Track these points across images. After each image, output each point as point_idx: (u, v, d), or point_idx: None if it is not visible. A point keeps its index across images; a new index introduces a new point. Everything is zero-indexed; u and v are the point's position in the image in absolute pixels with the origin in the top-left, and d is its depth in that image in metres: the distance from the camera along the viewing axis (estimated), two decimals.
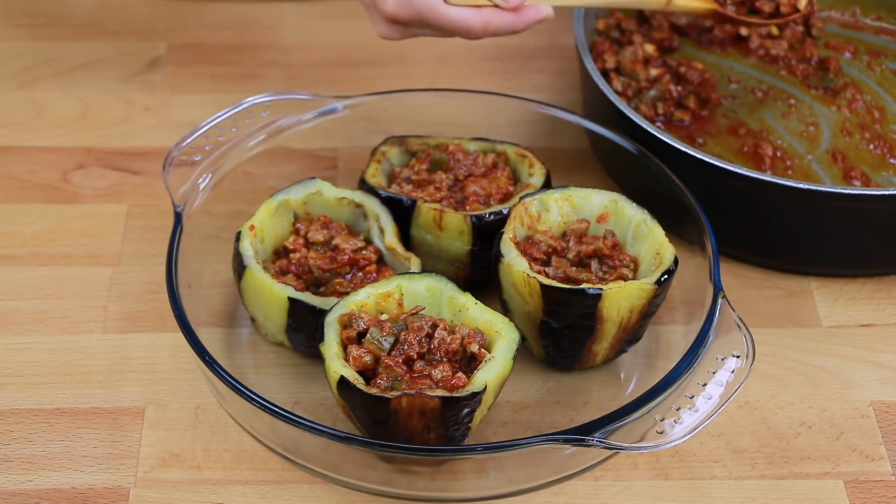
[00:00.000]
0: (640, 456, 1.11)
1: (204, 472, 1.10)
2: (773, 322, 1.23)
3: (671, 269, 1.11)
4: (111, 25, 1.53)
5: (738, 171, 1.19)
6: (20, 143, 1.38)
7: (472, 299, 1.09)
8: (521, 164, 1.23)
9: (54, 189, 1.33)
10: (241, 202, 1.26)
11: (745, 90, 1.37)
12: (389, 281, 1.10)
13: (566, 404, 1.15)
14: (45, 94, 1.44)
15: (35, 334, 1.20)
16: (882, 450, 1.13)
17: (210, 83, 1.46)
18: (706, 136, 1.32)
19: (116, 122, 1.41)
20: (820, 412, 1.16)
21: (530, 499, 1.08)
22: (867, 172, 1.29)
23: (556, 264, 1.13)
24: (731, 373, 1.05)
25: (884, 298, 1.26)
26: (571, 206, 1.17)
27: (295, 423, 1.00)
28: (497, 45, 1.53)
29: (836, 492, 1.10)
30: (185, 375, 1.16)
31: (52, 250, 1.27)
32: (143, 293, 1.23)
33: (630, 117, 1.25)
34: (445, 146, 1.24)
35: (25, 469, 1.09)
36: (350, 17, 1.55)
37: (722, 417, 1.14)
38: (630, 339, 1.14)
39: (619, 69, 1.36)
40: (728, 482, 1.10)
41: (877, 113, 1.35)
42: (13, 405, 1.14)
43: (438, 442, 1.03)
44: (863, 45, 1.44)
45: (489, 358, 1.04)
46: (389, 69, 1.50)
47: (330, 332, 1.06)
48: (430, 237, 1.19)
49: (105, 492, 1.08)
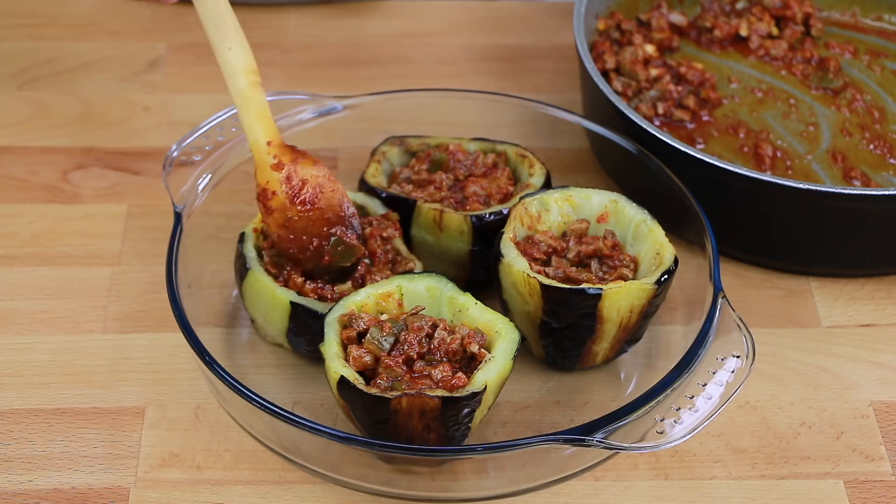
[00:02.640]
0: (640, 456, 1.12)
1: (204, 472, 1.10)
2: (773, 322, 1.23)
3: (671, 269, 1.11)
4: (111, 25, 1.53)
5: (738, 171, 1.19)
6: (20, 143, 1.38)
7: (472, 299, 1.09)
8: (521, 164, 1.23)
9: (54, 189, 1.33)
10: (241, 202, 1.26)
11: (745, 90, 1.37)
12: (389, 281, 1.10)
13: (566, 404, 1.16)
14: (45, 94, 1.44)
15: (35, 334, 1.20)
16: (882, 450, 1.13)
17: (210, 83, 1.46)
18: (706, 136, 1.32)
19: (116, 122, 1.41)
20: (820, 412, 1.16)
21: (530, 499, 1.08)
22: (867, 172, 1.29)
23: (556, 264, 1.13)
24: (731, 373, 1.05)
25: (884, 298, 1.26)
26: (571, 206, 1.17)
27: (295, 423, 1.00)
28: (497, 45, 1.53)
29: (836, 492, 1.10)
30: (185, 375, 1.16)
31: (52, 250, 1.27)
32: (143, 293, 1.23)
33: (630, 117, 1.25)
34: (445, 146, 1.24)
35: (25, 469, 1.09)
36: (350, 17, 1.55)
37: (722, 417, 1.14)
38: (630, 339, 1.14)
39: (619, 69, 1.36)
40: (728, 482, 1.10)
41: (877, 113, 1.35)
42: (13, 405, 1.14)
43: (438, 442, 1.03)
44: (863, 45, 1.44)
45: (489, 358, 1.04)
46: (389, 69, 1.50)
47: (330, 332, 1.06)
48: (431, 237, 1.19)
49: (105, 492, 1.08)
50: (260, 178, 1.14)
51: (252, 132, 1.13)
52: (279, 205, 1.13)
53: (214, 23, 1.12)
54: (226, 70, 1.13)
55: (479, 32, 1.56)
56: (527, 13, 1.58)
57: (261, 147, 1.13)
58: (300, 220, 1.13)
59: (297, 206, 1.13)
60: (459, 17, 1.58)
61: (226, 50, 1.12)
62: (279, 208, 1.13)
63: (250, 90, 1.13)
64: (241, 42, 1.13)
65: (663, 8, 1.44)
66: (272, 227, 1.14)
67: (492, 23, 1.57)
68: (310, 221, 1.13)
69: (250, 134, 1.13)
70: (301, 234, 1.13)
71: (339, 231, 1.13)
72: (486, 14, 1.58)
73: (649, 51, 1.38)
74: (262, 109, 1.13)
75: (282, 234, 1.13)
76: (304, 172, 1.13)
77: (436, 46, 1.53)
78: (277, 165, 1.13)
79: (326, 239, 1.13)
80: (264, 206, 1.14)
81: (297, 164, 1.13)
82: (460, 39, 1.55)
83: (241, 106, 1.13)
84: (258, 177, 1.14)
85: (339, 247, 1.13)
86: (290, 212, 1.13)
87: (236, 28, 1.13)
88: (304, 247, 1.13)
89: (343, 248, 1.13)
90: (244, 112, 1.13)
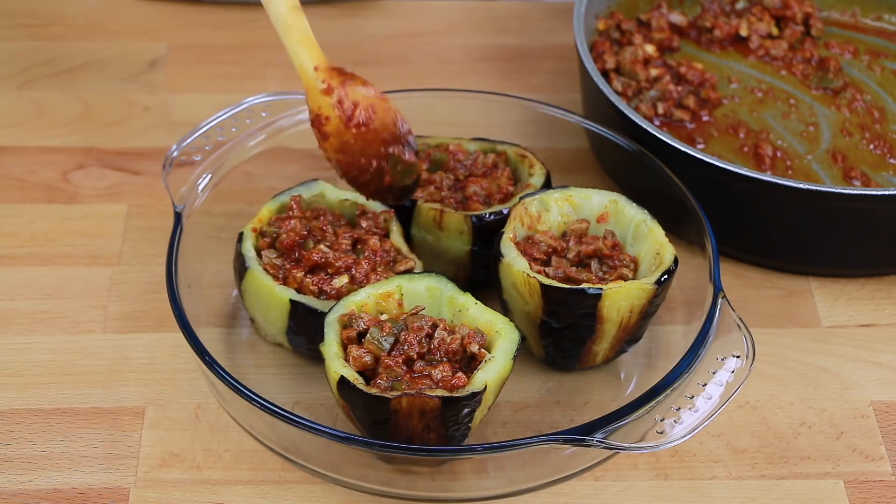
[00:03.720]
0: (640, 456, 1.12)
1: (204, 472, 1.10)
2: (773, 322, 1.23)
3: (671, 269, 1.11)
4: (111, 25, 1.53)
5: (738, 171, 1.19)
6: (20, 143, 1.38)
7: (472, 299, 1.09)
8: (521, 164, 1.23)
9: (54, 189, 1.33)
10: (241, 202, 1.26)
11: (745, 90, 1.37)
12: (389, 281, 1.10)
13: (566, 404, 1.16)
14: (45, 94, 1.44)
15: (35, 334, 1.20)
16: (882, 450, 1.13)
17: (210, 83, 1.46)
18: (706, 136, 1.32)
19: (116, 122, 1.41)
20: (820, 412, 1.16)
21: (530, 499, 1.08)
22: (867, 172, 1.29)
23: (556, 264, 1.13)
24: (731, 373, 1.05)
25: (884, 298, 1.26)
26: (571, 206, 1.17)
27: (295, 423, 1.00)
28: (497, 46, 1.53)
29: (836, 492, 1.10)
30: (185, 375, 1.16)
31: (52, 250, 1.27)
32: (143, 293, 1.23)
33: (630, 117, 1.25)
34: (445, 146, 1.24)
35: (25, 469, 1.09)
36: (350, 17, 1.55)
37: (722, 417, 1.14)
38: (630, 339, 1.14)
39: (619, 69, 1.36)
40: (728, 482, 1.10)
41: (877, 113, 1.35)
42: (13, 405, 1.14)
43: (438, 442, 1.03)
44: (863, 45, 1.44)
45: (489, 358, 1.04)
46: (389, 69, 1.50)
47: (330, 332, 1.06)
48: (431, 237, 1.19)
49: (105, 492, 1.08)
50: (311, 104, 1.13)
51: (298, 58, 1.12)
52: (334, 129, 1.12)
53: None
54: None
55: (479, 32, 1.56)
56: (527, 13, 1.58)
57: (308, 73, 1.12)
58: (357, 143, 1.13)
59: (353, 128, 1.12)
60: (459, 17, 1.58)
61: None
62: (334, 133, 1.13)
63: (291, 15, 1.11)
64: None
65: (663, 8, 1.44)
66: (329, 151, 1.13)
67: (492, 23, 1.57)
68: (366, 143, 1.13)
69: (296, 60, 1.12)
70: (360, 156, 1.13)
71: (395, 150, 1.13)
72: (485, 14, 1.58)
73: (649, 51, 1.38)
74: (306, 33, 1.12)
75: (340, 159, 1.13)
76: (355, 94, 1.13)
77: (436, 46, 1.53)
78: (327, 90, 1.12)
79: (385, 159, 1.13)
80: (319, 132, 1.13)
81: (346, 87, 1.13)
82: (460, 39, 1.55)
83: (284, 32, 1.11)
84: (310, 102, 1.13)
85: (399, 166, 1.13)
86: (346, 135, 1.12)
87: None
88: (365, 168, 1.13)
89: (402, 167, 1.13)
90: (287, 38, 1.12)
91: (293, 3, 1.12)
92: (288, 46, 1.12)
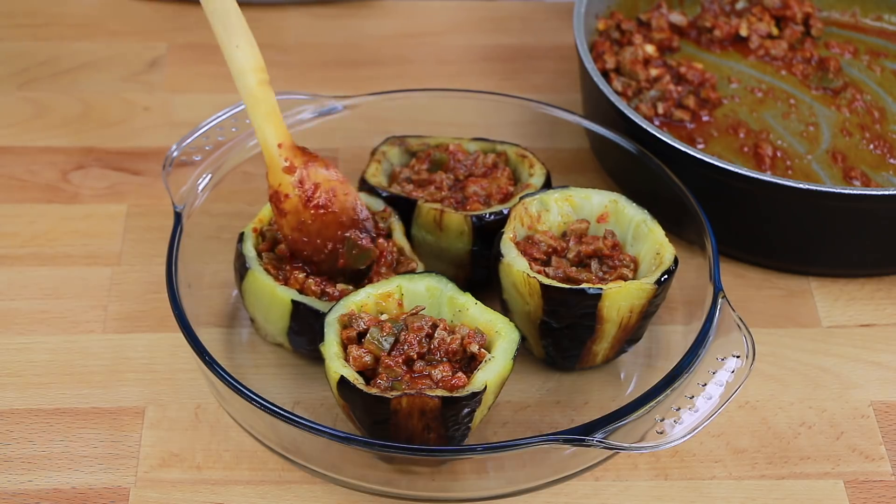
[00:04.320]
0: (640, 456, 1.11)
1: (204, 472, 1.10)
2: (773, 322, 1.23)
3: (671, 269, 1.11)
4: (111, 25, 1.53)
5: (738, 171, 1.19)
6: (20, 143, 1.38)
7: (472, 299, 1.09)
8: (521, 164, 1.23)
9: (54, 189, 1.33)
10: (241, 202, 1.26)
11: (745, 90, 1.37)
12: (389, 281, 1.10)
13: (566, 404, 1.16)
14: (44, 94, 1.44)
15: (35, 334, 1.20)
16: (882, 450, 1.13)
17: (210, 83, 1.46)
18: (706, 136, 1.32)
19: (116, 122, 1.41)
20: (820, 412, 1.16)
21: (530, 499, 1.08)
22: (867, 172, 1.29)
23: (556, 264, 1.13)
24: (731, 373, 1.05)
25: (884, 298, 1.26)
26: (571, 206, 1.17)
27: (295, 423, 1.00)
28: (497, 45, 1.53)
29: (836, 492, 1.10)
30: (185, 375, 1.16)
31: (52, 250, 1.27)
32: (143, 293, 1.23)
33: (630, 117, 1.25)
34: (445, 146, 1.24)
35: (25, 469, 1.09)
36: (350, 17, 1.55)
37: (722, 417, 1.14)
38: (630, 339, 1.14)
39: (619, 69, 1.36)
40: (728, 482, 1.10)
41: (877, 113, 1.35)
42: (13, 405, 1.14)
43: (438, 442, 1.03)
44: (863, 45, 1.44)
45: (489, 358, 1.04)
46: (389, 69, 1.50)
47: (330, 332, 1.06)
48: (431, 237, 1.19)
49: (105, 492, 1.08)
50: (272, 180, 1.13)
51: (262, 133, 1.12)
52: (292, 208, 1.12)
53: (221, 20, 1.10)
54: (233, 68, 1.11)
55: (480, 32, 1.56)
56: (527, 13, 1.58)
57: (272, 149, 1.12)
58: (314, 223, 1.13)
59: (311, 209, 1.12)
60: (459, 17, 1.58)
61: (233, 48, 1.10)
62: (292, 211, 1.13)
63: (259, 89, 1.11)
64: (249, 40, 1.11)
65: (663, 8, 1.44)
66: (285, 229, 1.13)
67: (492, 23, 1.57)
68: (324, 224, 1.13)
69: (260, 135, 1.12)
70: (315, 237, 1.13)
71: (353, 234, 1.13)
72: (486, 14, 1.58)
73: (649, 51, 1.38)
74: (272, 109, 1.12)
75: (295, 237, 1.13)
76: (317, 175, 1.13)
77: (436, 46, 1.53)
78: (290, 168, 1.12)
79: (341, 242, 1.13)
80: (277, 209, 1.13)
81: (309, 167, 1.13)
82: (460, 39, 1.55)
83: (251, 105, 1.11)
84: (270, 178, 1.13)
85: (354, 250, 1.13)
86: (304, 215, 1.12)
87: (243, 25, 1.11)
88: (319, 249, 1.13)
89: (357, 252, 1.13)
90: (254, 112, 1.11)
91: (262, 77, 1.11)
92: (253, 120, 1.12)
